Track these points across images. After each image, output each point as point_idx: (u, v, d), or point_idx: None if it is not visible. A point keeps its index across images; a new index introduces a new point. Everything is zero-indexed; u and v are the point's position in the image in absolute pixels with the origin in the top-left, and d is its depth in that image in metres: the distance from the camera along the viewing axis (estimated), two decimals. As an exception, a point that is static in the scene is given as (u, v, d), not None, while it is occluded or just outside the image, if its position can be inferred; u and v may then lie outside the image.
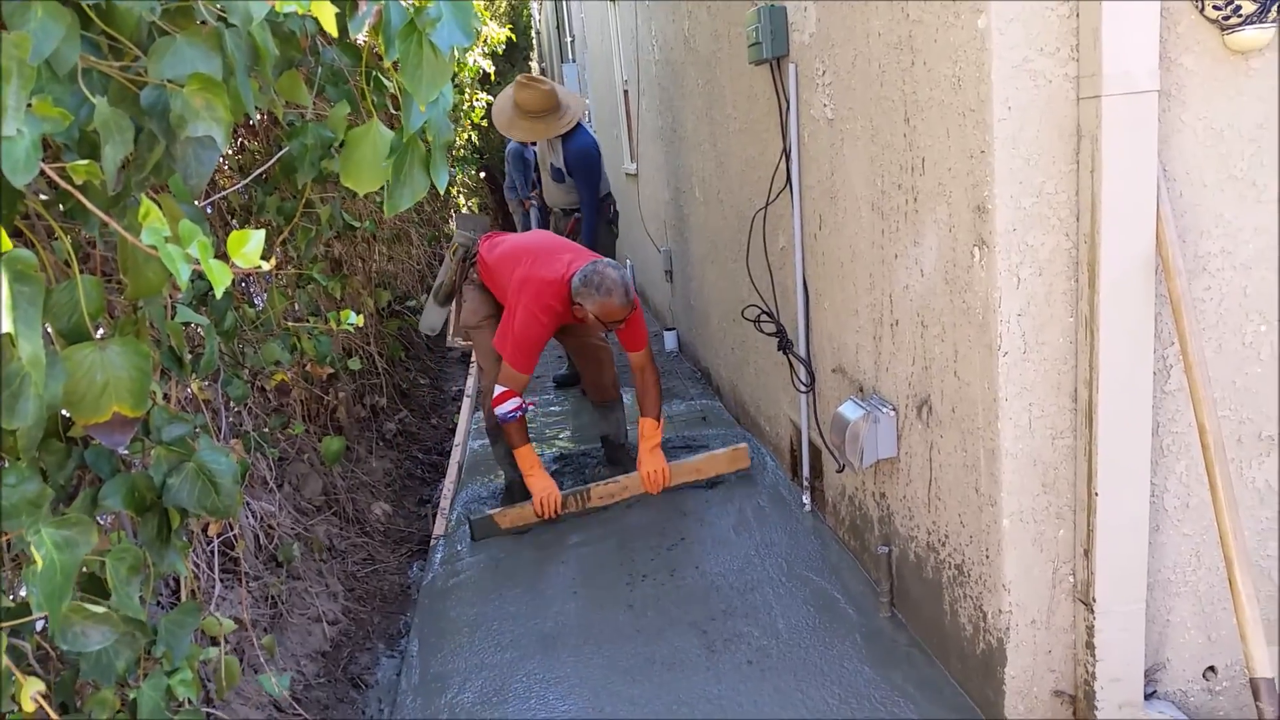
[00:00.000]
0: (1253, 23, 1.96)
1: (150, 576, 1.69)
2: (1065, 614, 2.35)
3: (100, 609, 1.21)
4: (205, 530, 2.32)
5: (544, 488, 3.95)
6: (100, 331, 1.52)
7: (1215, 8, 1.98)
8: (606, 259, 3.86)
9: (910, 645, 2.85)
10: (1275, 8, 1.95)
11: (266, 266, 1.03)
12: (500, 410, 3.82)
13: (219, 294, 0.99)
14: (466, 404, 5.80)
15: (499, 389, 3.82)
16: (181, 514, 1.60)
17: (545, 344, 3.90)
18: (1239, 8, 1.95)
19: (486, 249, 4.11)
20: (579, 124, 5.35)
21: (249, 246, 1.01)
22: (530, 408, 3.96)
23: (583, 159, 5.36)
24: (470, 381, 6.29)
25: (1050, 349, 2.20)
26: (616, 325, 3.85)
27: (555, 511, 3.95)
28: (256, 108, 1.88)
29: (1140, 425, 2.17)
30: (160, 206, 1.36)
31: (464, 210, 11.43)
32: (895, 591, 3.00)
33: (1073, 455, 2.25)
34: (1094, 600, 2.24)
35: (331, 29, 1.06)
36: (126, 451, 1.64)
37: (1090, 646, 2.28)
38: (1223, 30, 2.01)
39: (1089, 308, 2.11)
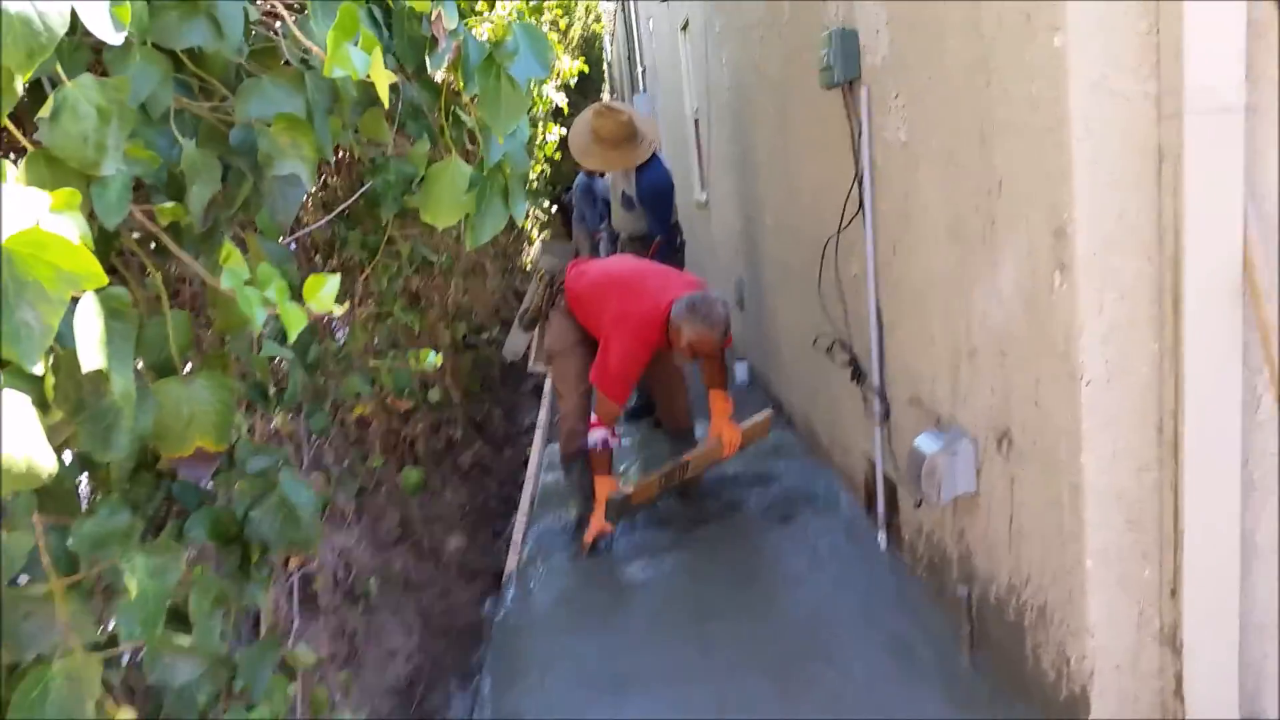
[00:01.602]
0: (1344, 38, 1.90)
1: (231, 610, 1.73)
2: (1152, 659, 2.26)
3: (189, 641, 1.24)
4: (285, 564, 2.36)
5: (599, 528, 4.01)
6: (189, 365, 1.57)
7: (1305, 21, 1.92)
8: (716, 292, 3.92)
9: (992, 690, 2.76)
10: (1368, 23, 1.89)
11: (339, 311, 1.05)
12: (592, 438, 3.89)
13: (291, 339, 1.02)
14: (539, 435, 5.83)
15: (592, 417, 3.86)
16: (263, 547, 1.64)
17: (640, 375, 3.94)
18: (1329, 22, 1.89)
19: (573, 277, 4.14)
20: (654, 154, 5.38)
21: (324, 290, 1.03)
22: (616, 443, 3.98)
23: (656, 192, 5.44)
24: (543, 413, 6.33)
25: (1134, 378, 2.13)
26: (703, 357, 3.90)
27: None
28: (339, 145, 1.94)
29: (1229, 457, 2.08)
30: (246, 246, 1.41)
31: (536, 241, 11.59)
32: (975, 634, 2.91)
33: (1158, 490, 2.18)
34: (1182, 644, 2.15)
35: (384, 95, 1.09)
36: (211, 484, 1.69)
37: (1179, 695, 2.18)
38: (1313, 44, 1.95)
39: (1174, 334, 2.05)
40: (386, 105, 1.19)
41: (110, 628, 1.42)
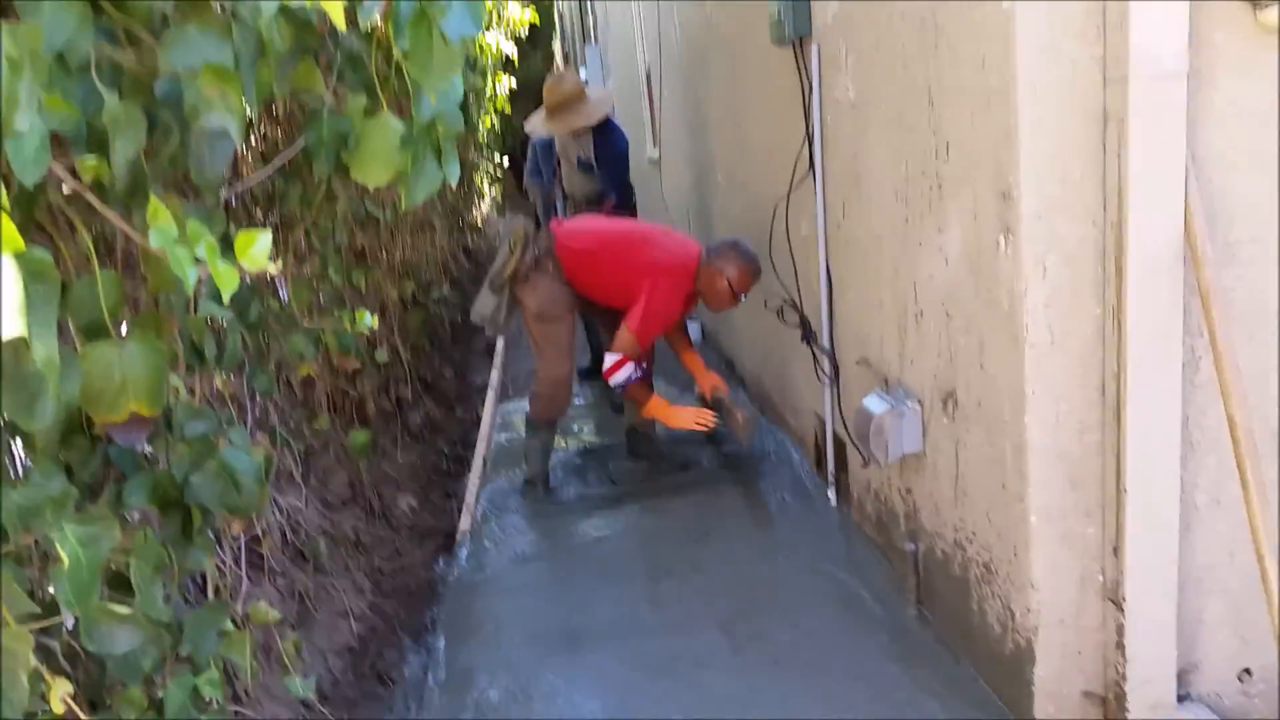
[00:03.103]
0: (1286, 1, 1.91)
1: (175, 574, 1.71)
2: (1094, 613, 2.32)
3: (126, 610, 1.21)
4: (230, 526, 2.33)
5: (691, 412, 4.07)
6: (124, 325, 1.53)
7: (1248, -15, 1.93)
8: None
9: (937, 643, 2.82)
10: (1309, -13, 1.90)
11: (273, 269, 1.02)
12: (619, 376, 3.89)
13: (225, 299, 0.98)
14: (491, 395, 5.80)
15: (613, 357, 3.88)
16: (204, 512, 1.61)
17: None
18: (1271, -15, 1.90)
19: (567, 237, 4.08)
20: (610, 120, 5.47)
21: (256, 248, 1.00)
22: (644, 368, 4.02)
23: (614, 155, 5.55)
24: (495, 374, 6.29)
25: (1077, 341, 2.16)
26: (736, 299, 3.95)
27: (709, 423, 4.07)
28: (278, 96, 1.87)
29: (1169, 419, 2.12)
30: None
31: (491, 200, 11.45)
32: (922, 588, 2.96)
33: (1100, 450, 2.22)
34: (1124, 600, 2.20)
35: (340, 23, 1.05)
36: (149, 448, 1.65)
37: (1120, 647, 2.24)
38: (1255, 7, 1.96)
39: (1116, 298, 2.07)
40: (343, 28, 1.15)
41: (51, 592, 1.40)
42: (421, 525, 4.24)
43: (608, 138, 5.50)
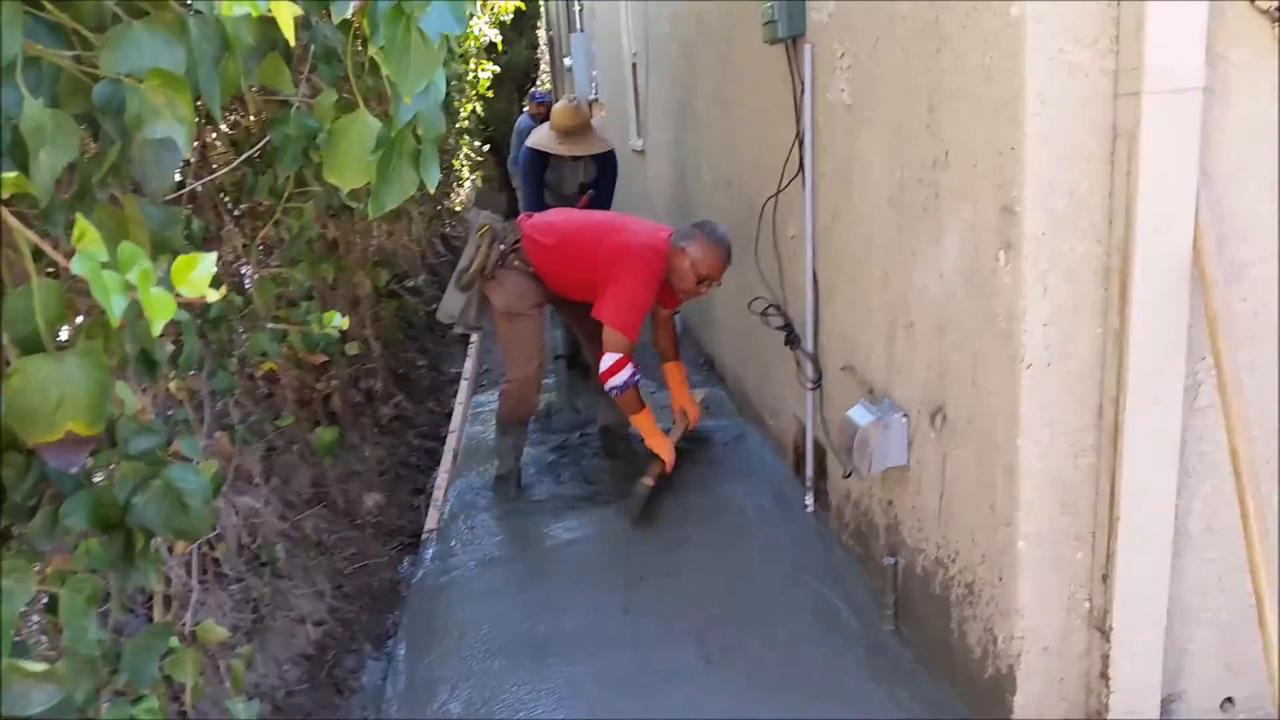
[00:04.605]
0: (1307, 18, 1.83)
1: (116, 597, 1.59)
2: (1079, 641, 2.25)
3: (41, 667, 1.09)
4: (173, 549, 2.20)
5: (670, 448, 3.90)
6: (74, 324, 1.40)
7: (1267, -1, 1.85)
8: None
9: (915, 662, 2.74)
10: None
11: (214, 296, 0.91)
12: (619, 379, 3.68)
13: (155, 330, 0.87)
14: (464, 387, 5.68)
15: (611, 357, 3.66)
16: (147, 534, 1.50)
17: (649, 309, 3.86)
18: (1294, 1, 1.82)
19: (535, 230, 3.92)
20: (614, 151, 5.86)
21: (197, 273, 0.89)
22: (639, 375, 3.81)
23: (615, 179, 6.02)
24: (469, 364, 6.17)
25: (1076, 362, 2.08)
26: (701, 289, 3.79)
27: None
28: (250, 85, 1.75)
29: (1168, 446, 2.06)
30: (123, 206, 1.24)
31: (470, 185, 11.28)
32: (900, 604, 2.88)
33: (1095, 475, 2.14)
34: (1111, 629, 2.14)
35: (289, 33, 0.93)
36: (91, 461, 1.53)
37: (1105, 677, 2.18)
38: (1274, 22, 1.88)
39: (1119, 319, 1.99)
40: (293, 43, 1.04)
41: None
42: (388, 523, 4.12)
43: (609, 164, 5.90)
